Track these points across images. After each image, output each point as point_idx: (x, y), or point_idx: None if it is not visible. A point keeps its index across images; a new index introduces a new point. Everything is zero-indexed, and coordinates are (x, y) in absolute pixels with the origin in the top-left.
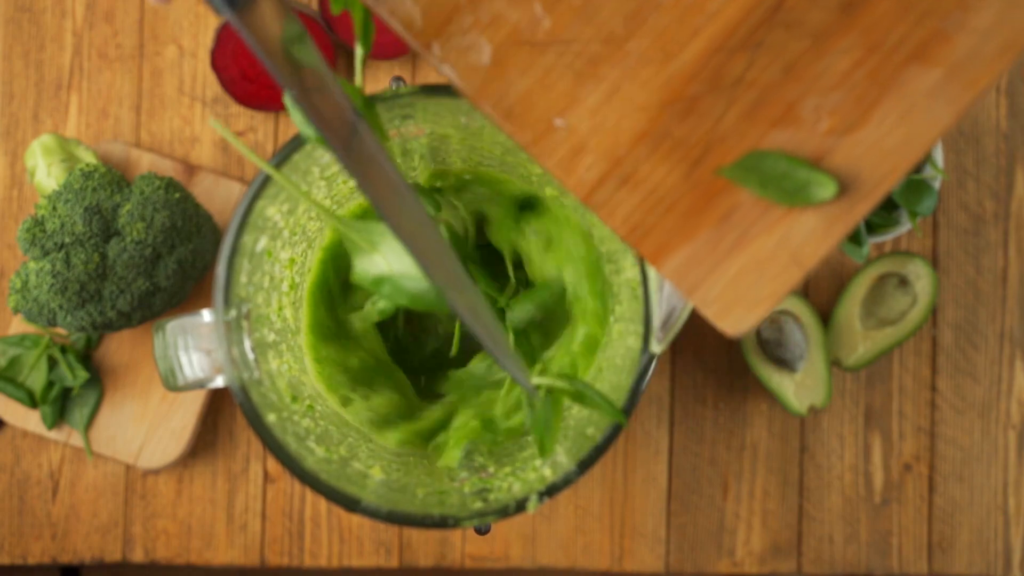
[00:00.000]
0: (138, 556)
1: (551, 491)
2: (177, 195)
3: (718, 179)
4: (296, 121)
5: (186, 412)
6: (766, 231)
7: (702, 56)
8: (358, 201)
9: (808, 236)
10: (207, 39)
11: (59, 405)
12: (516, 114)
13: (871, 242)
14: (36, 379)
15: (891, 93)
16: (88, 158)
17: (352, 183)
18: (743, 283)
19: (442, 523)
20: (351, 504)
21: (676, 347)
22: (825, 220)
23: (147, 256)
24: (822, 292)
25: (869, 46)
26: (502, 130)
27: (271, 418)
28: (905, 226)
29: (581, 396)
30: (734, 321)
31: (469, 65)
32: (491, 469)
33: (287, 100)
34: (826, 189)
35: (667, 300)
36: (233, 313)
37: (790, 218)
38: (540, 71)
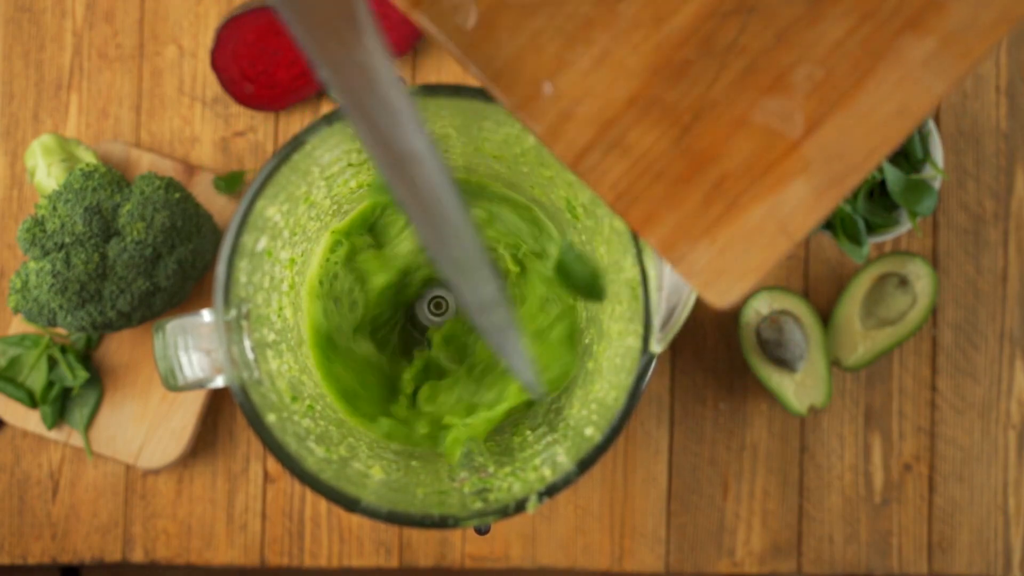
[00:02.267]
0: (138, 556)
1: (551, 491)
2: (177, 195)
3: (708, 146)
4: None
5: (186, 412)
6: (755, 201)
7: (694, 20)
8: (359, 202)
9: (797, 207)
10: (207, 39)
11: (59, 405)
12: (504, 77)
13: (871, 242)
14: (36, 379)
15: (884, 62)
16: (88, 158)
17: (352, 184)
18: (731, 253)
19: (442, 523)
20: (351, 504)
21: (676, 347)
22: (815, 191)
23: (147, 256)
24: (822, 292)
25: (863, 14)
26: (490, 92)
27: (271, 418)
28: (905, 226)
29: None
30: (721, 292)
31: (456, 26)
32: (491, 469)
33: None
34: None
35: (667, 300)
36: (233, 313)
37: (780, 188)
38: (530, 33)
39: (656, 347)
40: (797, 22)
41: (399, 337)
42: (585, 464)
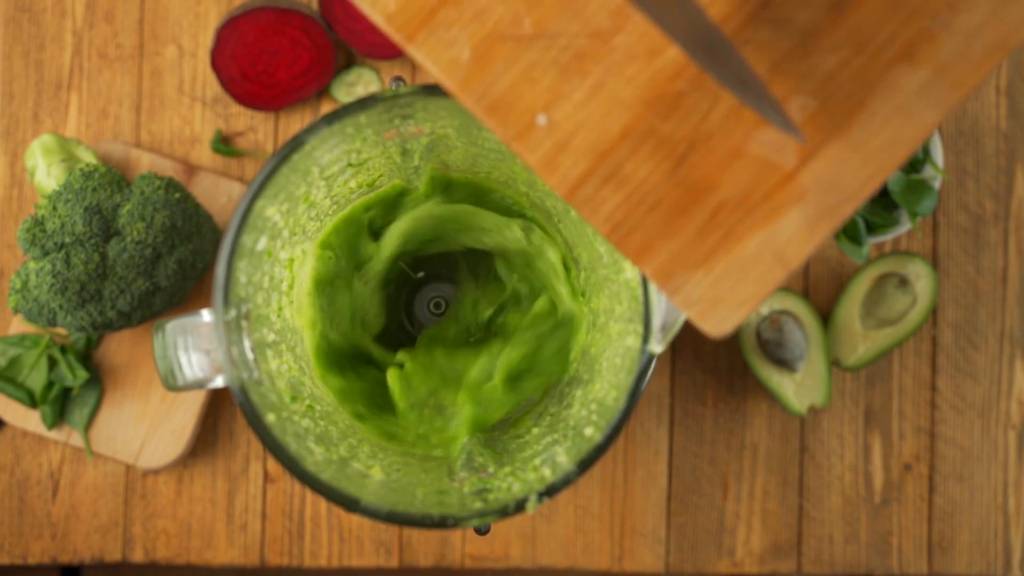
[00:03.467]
0: (138, 556)
1: (551, 491)
2: (177, 195)
3: (703, 177)
4: None
5: (186, 412)
6: (751, 231)
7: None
8: (359, 202)
9: (792, 236)
10: (207, 39)
11: (59, 405)
12: (500, 109)
13: (871, 242)
14: (36, 379)
15: (878, 93)
16: (88, 158)
17: (352, 184)
18: (726, 283)
19: (442, 523)
20: (351, 504)
21: (676, 347)
22: (810, 220)
23: (147, 256)
24: (822, 292)
25: (856, 45)
26: (485, 125)
27: (271, 418)
28: (905, 226)
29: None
30: (717, 322)
31: (451, 59)
32: (491, 469)
33: None
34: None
35: (667, 300)
36: (233, 313)
37: (775, 218)
38: (524, 66)
39: (656, 347)
40: (790, 54)
41: (399, 337)
42: (585, 464)
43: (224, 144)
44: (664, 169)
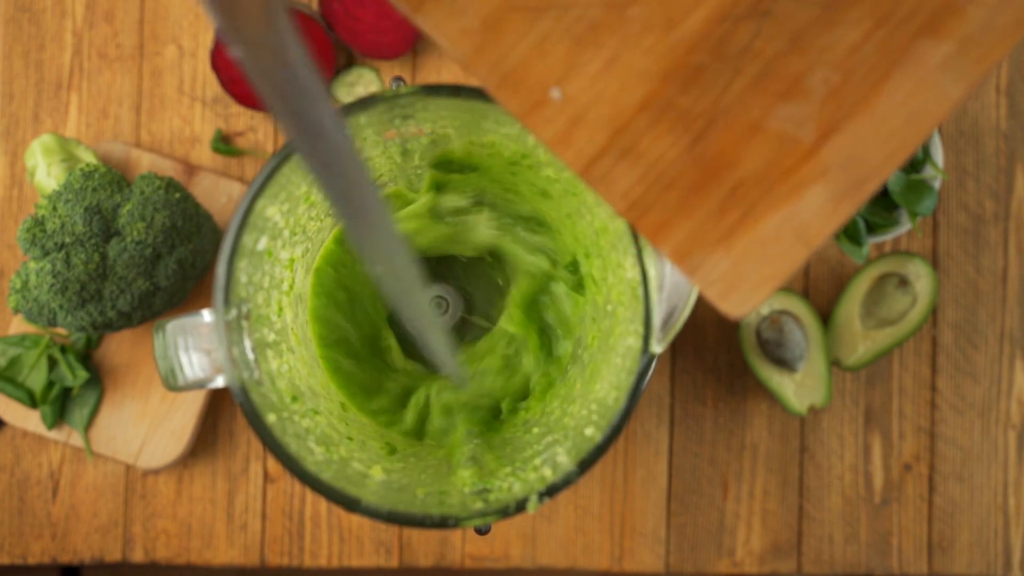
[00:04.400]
0: (138, 556)
1: (551, 491)
2: (177, 195)
3: (722, 153)
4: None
5: (186, 412)
6: (772, 209)
7: (706, 24)
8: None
9: (815, 214)
10: (207, 39)
11: (59, 405)
12: (511, 82)
13: (871, 242)
14: (36, 379)
15: (901, 67)
16: (88, 158)
17: None
18: (747, 263)
19: (442, 523)
20: (351, 504)
21: (676, 347)
22: (833, 198)
23: (147, 256)
24: (822, 292)
25: (879, 18)
26: (495, 99)
27: (271, 418)
28: (905, 226)
29: None
30: (737, 302)
31: (461, 30)
32: (491, 469)
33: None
34: None
35: (667, 300)
36: (233, 313)
37: (796, 195)
38: (537, 37)
39: (656, 347)
40: (812, 26)
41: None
42: (585, 464)
43: (224, 144)
44: (682, 145)
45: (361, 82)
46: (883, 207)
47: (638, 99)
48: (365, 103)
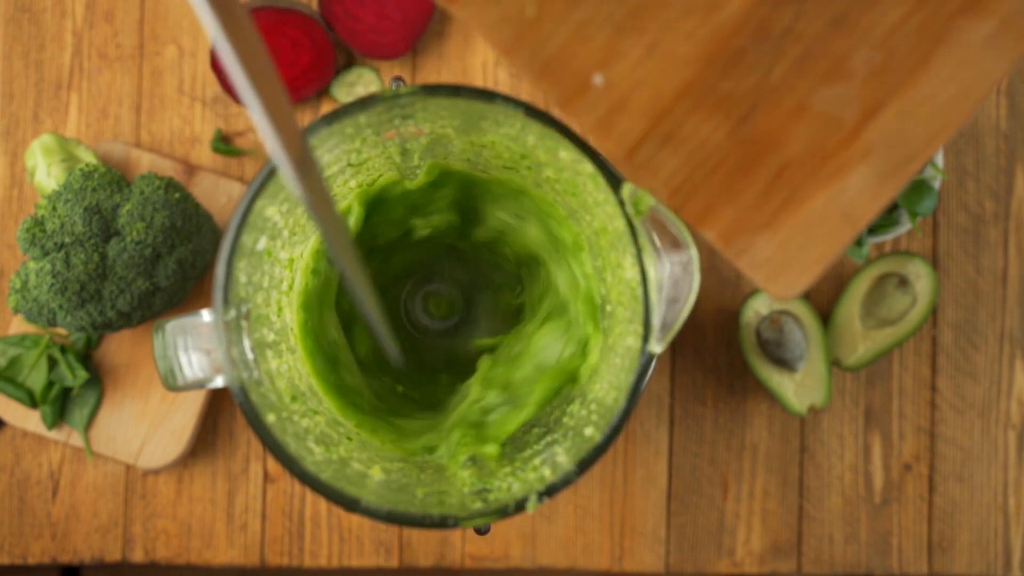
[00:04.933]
0: (138, 556)
1: (551, 491)
2: (177, 195)
3: (766, 136)
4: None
5: (186, 412)
6: (817, 190)
7: (747, 7)
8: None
9: (860, 194)
10: (207, 39)
11: (59, 405)
12: (551, 70)
13: (871, 242)
14: (36, 379)
15: (943, 45)
16: (88, 158)
17: (352, 183)
18: (794, 245)
19: (442, 523)
20: (351, 504)
21: (676, 347)
22: (878, 177)
23: (147, 256)
24: (822, 292)
25: None
26: (537, 88)
27: (271, 418)
28: (905, 226)
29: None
30: (785, 285)
31: (499, 18)
32: (491, 469)
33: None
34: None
35: (667, 300)
36: (233, 313)
37: (841, 176)
38: (577, 23)
39: (656, 347)
40: (853, 7)
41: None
42: (585, 464)
43: (224, 144)
44: (725, 128)
45: (361, 82)
46: None
47: (680, 84)
48: (365, 103)
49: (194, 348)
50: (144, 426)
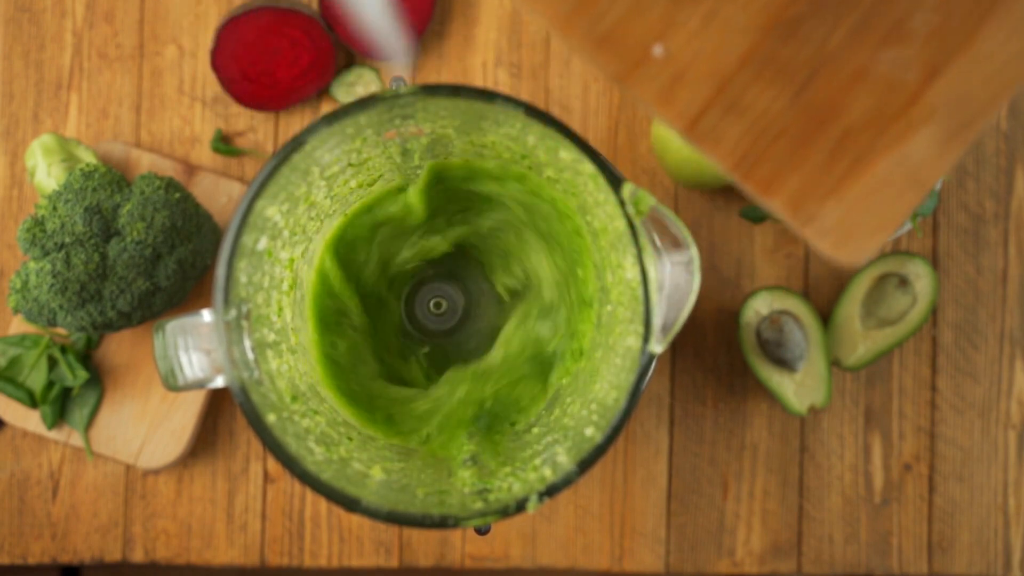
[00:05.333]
0: (138, 556)
1: (551, 491)
2: (177, 195)
3: (827, 102)
4: None
5: (186, 412)
6: (882, 154)
7: None
8: (359, 201)
9: (926, 156)
10: (207, 39)
11: (59, 405)
12: (610, 42)
13: None
14: (36, 379)
15: (1001, 5)
16: (88, 158)
17: (352, 183)
18: (861, 209)
19: (442, 523)
20: (351, 504)
21: (676, 347)
22: (942, 139)
23: (147, 256)
24: (822, 292)
25: None
26: (593, 63)
27: (271, 418)
28: (905, 226)
29: None
30: (853, 250)
31: None
32: (491, 469)
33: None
34: None
35: (667, 300)
36: (233, 313)
37: (906, 139)
38: None
39: (656, 347)
40: None
41: (399, 339)
42: (585, 464)
43: (224, 144)
44: (787, 96)
45: (361, 82)
46: None
47: (739, 53)
48: (365, 103)
49: (194, 348)
50: (144, 426)
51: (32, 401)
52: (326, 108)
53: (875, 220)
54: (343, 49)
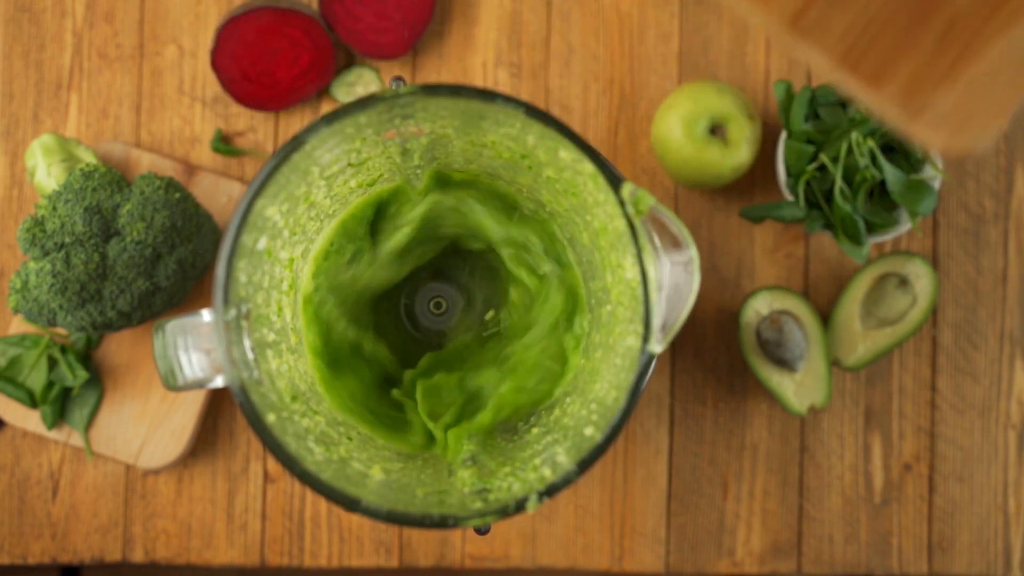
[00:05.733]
0: (138, 556)
1: (551, 491)
2: (177, 195)
3: None
4: None
5: (186, 412)
6: (991, 39)
7: None
8: (359, 201)
9: None
10: (207, 39)
11: (59, 405)
12: None
13: (871, 242)
14: (36, 379)
15: None
16: (88, 158)
17: (352, 183)
18: (973, 97)
19: (442, 523)
20: (351, 504)
21: (676, 347)
22: None
23: (147, 256)
24: (822, 292)
25: None
26: None
27: (271, 418)
28: (905, 226)
29: None
30: (971, 137)
31: None
32: (491, 469)
33: None
34: None
35: (667, 300)
36: (233, 313)
37: (1014, 21)
38: None
39: (656, 347)
40: None
41: (399, 339)
42: (585, 464)
43: (224, 144)
44: None
45: (361, 82)
46: (883, 207)
47: None
48: (365, 103)
49: (194, 348)
50: (144, 426)
51: (32, 401)
52: (326, 108)
53: (992, 105)
54: (343, 49)
